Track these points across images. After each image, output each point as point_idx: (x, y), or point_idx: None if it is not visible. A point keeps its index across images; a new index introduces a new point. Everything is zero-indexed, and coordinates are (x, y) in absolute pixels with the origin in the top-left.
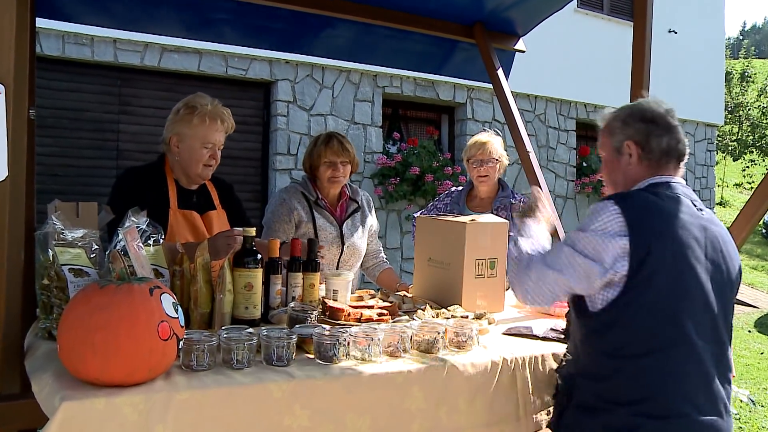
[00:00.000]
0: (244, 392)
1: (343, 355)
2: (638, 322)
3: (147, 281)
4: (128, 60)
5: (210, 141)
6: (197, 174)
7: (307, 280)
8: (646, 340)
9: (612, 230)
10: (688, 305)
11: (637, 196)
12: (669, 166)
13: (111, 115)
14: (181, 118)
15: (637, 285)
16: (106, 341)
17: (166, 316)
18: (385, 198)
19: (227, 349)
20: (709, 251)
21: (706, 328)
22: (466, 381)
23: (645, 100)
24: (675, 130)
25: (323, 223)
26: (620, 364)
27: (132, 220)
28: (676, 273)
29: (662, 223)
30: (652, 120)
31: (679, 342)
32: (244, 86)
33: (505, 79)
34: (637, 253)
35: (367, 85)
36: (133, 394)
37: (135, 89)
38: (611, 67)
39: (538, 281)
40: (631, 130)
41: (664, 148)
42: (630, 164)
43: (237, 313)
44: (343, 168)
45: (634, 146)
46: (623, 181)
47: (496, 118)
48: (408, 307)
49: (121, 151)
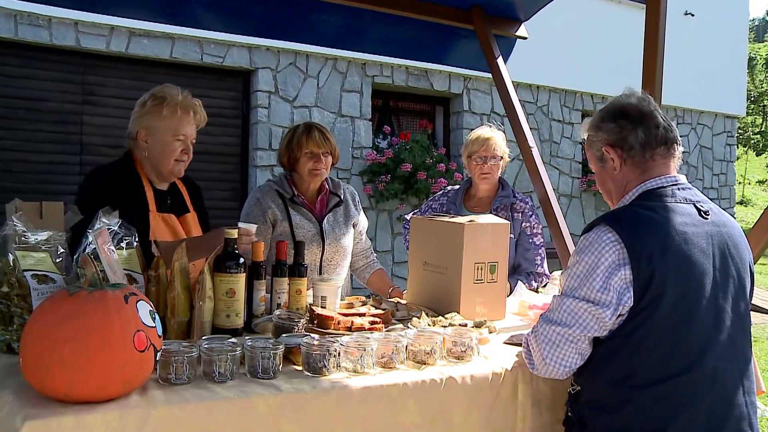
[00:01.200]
0: (227, 407)
1: (333, 367)
2: (646, 348)
3: (121, 287)
4: (92, 45)
5: (182, 133)
6: (169, 170)
7: (294, 286)
8: (655, 367)
9: (612, 262)
10: (699, 325)
11: (632, 215)
12: (656, 159)
13: (73, 105)
14: (149, 110)
15: (643, 309)
16: (76, 353)
17: (143, 325)
18: (375, 197)
19: (208, 361)
20: (717, 261)
21: (722, 346)
22: (465, 394)
23: (618, 96)
24: (649, 117)
25: (300, 221)
26: (629, 394)
27: (103, 221)
28: (683, 292)
29: (662, 241)
30: (623, 115)
31: (692, 366)
32: (221, 75)
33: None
34: (640, 280)
35: (355, 75)
36: (105, 411)
37: (100, 77)
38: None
39: (551, 344)
40: (604, 133)
41: (643, 139)
42: (616, 169)
43: (218, 322)
44: (325, 159)
45: (611, 150)
46: (615, 188)
47: (495, 110)
48: (402, 314)
49: (85, 145)
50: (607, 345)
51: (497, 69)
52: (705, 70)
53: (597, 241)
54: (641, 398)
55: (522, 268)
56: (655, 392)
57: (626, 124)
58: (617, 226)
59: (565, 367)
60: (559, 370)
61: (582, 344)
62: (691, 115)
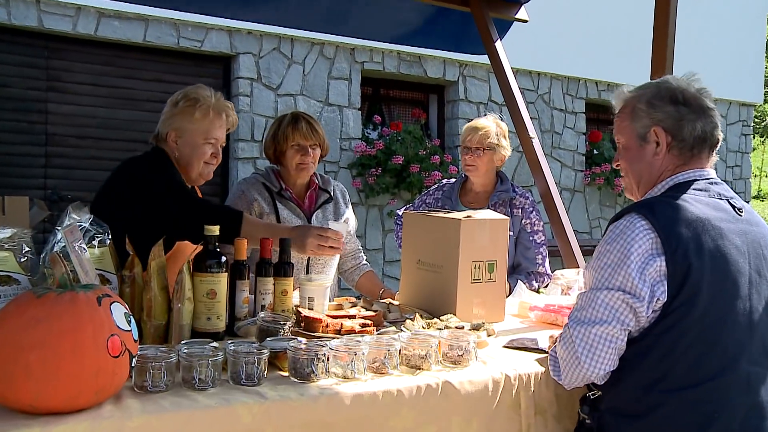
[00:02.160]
0: (209, 416)
1: (322, 373)
2: (679, 349)
3: (94, 288)
4: (56, 26)
5: (213, 137)
6: (198, 173)
7: (279, 286)
8: (689, 370)
9: (645, 250)
10: (734, 327)
11: (666, 206)
12: (701, 157)
13: (37, 92)
14: (181, 111)
15: (678, 308)
16: (43, 361)
17: (117, 329)
18: (365, 191)
19: (188, 367)
20: (752, 260)
21: (756, 350)
22: (462, 401)
23: (673, 78)
24: (710, 114)
25: (288, 215)
26: (659, 398)
27: (73, 217)
28: (718, 291)
29: (699, 235)
30: (685, 102)
31: (726, 370)
32: (199, 61)
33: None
34: (675, 274)
35: (343, 61)
36: (76, 422)
37: (66, 62)
38: (629, 38)
39: (589, 347)
40: (660, 114)
41: (699, 135)
42: (657, 154)
43: (198, 325)
44: (313, 152)
45: (663, 134)
46: (648, 173)
47: (492, 98)
48: (395, 316)
49: (50, 135)
50: (637, 345)
51: (495, 54)
52: (719, 55)
53: (629, 227)
54: (672, 404)
55: (522, 267)
56: (686, 397)
57: (687, 114)
58: (651, 215)
59: (603, 371)
60: (598, 374)
61: (621, 342)
62: None
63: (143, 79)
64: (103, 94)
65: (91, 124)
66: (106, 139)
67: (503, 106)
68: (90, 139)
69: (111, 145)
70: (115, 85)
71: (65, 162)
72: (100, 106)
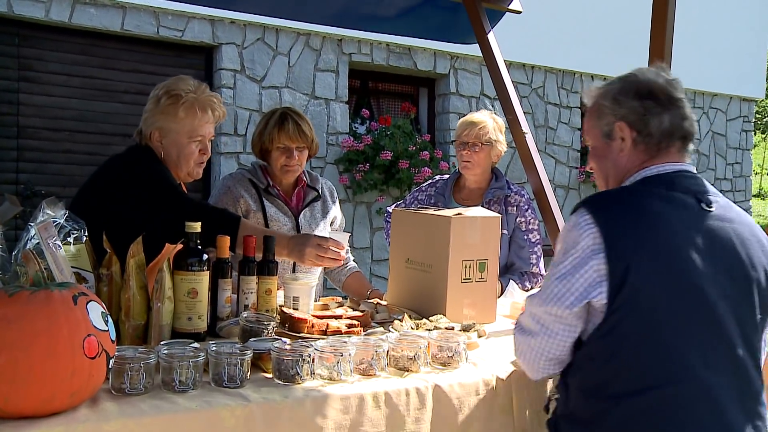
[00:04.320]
0: (190, 419)
1: (307, 374)
2: (623, 353)
3: (69, 287)
4: (28, 12)
5: (200, 134)
6: (187, 173)
7: (263, 285)
8: (634, 376)
9: (586, 249)
10: (690, 332)
11: (615, 201)
12: (671, 150)
13: (7, 82)
14: (164, 110)
15: (618, 309)
16: (13, 362)
17: (94, 329)
18: (352, 188)
19: (168, 369)
20: (720, 262)
21: (720, 356)
22: (453, 404)
23: (641, 70)
24: (679, 105)
25: (275, 213)
26: (605, 405)
27: (47, 212)
28: (670, 292)
29: (646, 231)
30: (650, 94)
31: (681, 377)
32: (179, 51)
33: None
34: (615, 272)
35: (330, 52)
36: (49, 427)
37: (39, 50)
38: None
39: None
40: (624, 109)
41: (666, 128)
42: (623, 151)
43: (178, 325)
44: (299, 155)
45: (627, 129)
46: (615, 170)
47: (485, 92)
48: (382, 317)
49: (22, 127)
50: (584, 349)
51: (488, 46)
52: (719, 48)
53: (574, 226)
54: (618, 412)
55: (515, 267)
56: (634, 405)
57: (652, 107)
58: (596, 210)
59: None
60: (536, 378)
61: (557, 352)
62: (703, 98)
63: (120, 70)
64: (78, 85)
65: (65, 116)
66: (82, 132)
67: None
68: (64, 132)
69: (86, 138)
70: (90, 76)
71: (38, 156)
72: (74, 98)
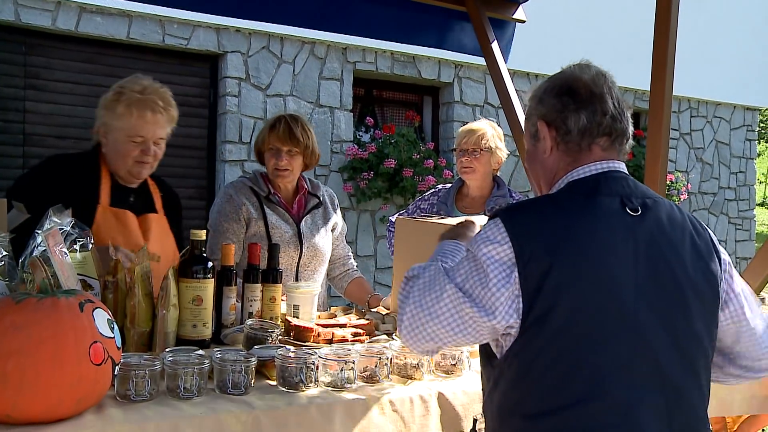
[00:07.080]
0: (194, 426)
1: (311, 382)
2: (536, 371)
3: (76, 294)
4: (35, 21)
5: (139, 135)
6: (127, 172)
7: (267, 293)
8: (548, 394)
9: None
10: (608, 345)
11: (528, 210)
12: (594, 149)
13: (14, 90)
14: (107, 106)
15: (532, 325)
16: (22, 369)
17: (100, 336)
18: (356, 196)
19: (173, 375)
20: (644, 268)
21: (643, 372)
22: (457, 411)
23: (570, 67)
24: (599, 101)
25: (276, 221)
26: (520, 425)
27: (54, 220)
28: (584, 304)
29: (557, 242)
30: (569, 91)
31: (595, 395)
32: (185, 59)
33: (502, 54)
34: (528, 288)
35: (335, 61)
36: None
37: (45, 59)
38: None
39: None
40: (544, 108)
41: (584, 125)
42: (546, 152)
43: (183, 333)
44: (289, 158)
45: (546, 128)
46: (543, 173)
47: (489, 101)
48: (388, 328)
49: (28, 135)
50: (501, 366)
51: (492, 55)
52: (723, 57)
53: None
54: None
55: None
56: (548, 425)
57: (569, 103)
58: (509, 221)
59: (410, 346)
60: (403, 340)
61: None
62: (707, 107)
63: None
64: (84, 93)
65: (70, 123)
66: (87, 140)
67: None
68: (70, 140)
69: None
70: (96, 84)
71: None
72: (80, 105)
